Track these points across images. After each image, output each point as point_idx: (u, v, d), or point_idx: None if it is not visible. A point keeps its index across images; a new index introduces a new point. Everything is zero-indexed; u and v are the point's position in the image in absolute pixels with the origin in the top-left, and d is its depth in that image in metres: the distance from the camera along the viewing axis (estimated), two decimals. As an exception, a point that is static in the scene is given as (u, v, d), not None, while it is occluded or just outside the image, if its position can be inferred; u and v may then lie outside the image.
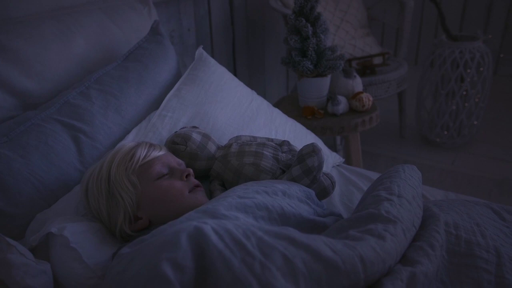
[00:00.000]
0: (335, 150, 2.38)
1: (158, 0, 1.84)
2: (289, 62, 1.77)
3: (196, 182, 1.02)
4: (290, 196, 0.97)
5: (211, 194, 1.11)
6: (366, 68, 2.22)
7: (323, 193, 1.13)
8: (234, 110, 1.36)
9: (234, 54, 2.44)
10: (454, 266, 0.86)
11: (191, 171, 1.03)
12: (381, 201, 0.89)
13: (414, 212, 0.90)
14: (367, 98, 1.78)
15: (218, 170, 1.13)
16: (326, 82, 1.78)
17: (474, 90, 2.33)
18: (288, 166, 1.12)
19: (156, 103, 1.34)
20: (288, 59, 1.77)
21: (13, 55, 1.22)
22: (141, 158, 1.01)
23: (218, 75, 1.42)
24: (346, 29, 2.38)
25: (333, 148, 2.37)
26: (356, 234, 0.79)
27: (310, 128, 1.67)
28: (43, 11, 1.41)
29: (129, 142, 1.11)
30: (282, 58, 1.80)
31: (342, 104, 1.77)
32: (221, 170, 1.13)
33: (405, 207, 0.89)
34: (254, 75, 2.61)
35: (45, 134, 1.11)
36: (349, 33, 2.38)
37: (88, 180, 1.02)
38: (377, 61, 2.30)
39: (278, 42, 2.69)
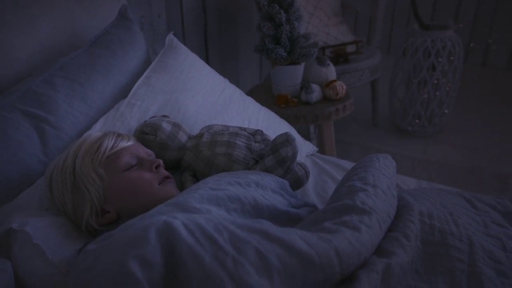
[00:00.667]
0: (309, 139, 2.37)
1: (127, -16, 1.77)
2: (262, 49, 1.74)
3: (166, 173, 0.99)
4: (263, 187, 0.95)
5: (182, 186, 1.08)
6: (339, 56, 2.21)
7: (297, 183, 1.11)
8: (206, 99, 1.32)
9: (206, 41, 2.39)
10: (428, 256, 0.85)
11: (161, 162, 0.99)
12: (356, 191, 0.87)
13: (389, 202, 0.89)
14: (341, 87, 1.76)
15: (189, 161, 1.10)
16: (299, 70, 1.76)
17: (445, 79, 2.36)
18: (261, 156, 1.09)
19: (124, 91, 1.29)
20: (261, 47, 1.74)
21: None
22: (108, 149, 0.96)
23: (189, 62, 1.38)
24: (319, 16, 2.36)
25: (306, 137, 2.35)
26: (331, 226, 0.77)
27: (284, 116, 1.65)
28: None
29: (95, 132, 1.07)
30: (256, 45, 1.77)
31: (316, 92, 1.75)
32: (192, 160, 1.09)
33: (380, 198, 0.87)
34: (227, 63, 2.56)
35: (5, 123, 1.05)
36: (322, 20, 2.36)
37: (52, 172, 0.97)
38: (350, 49, 2.29)
39: (251, 29, 2.65)
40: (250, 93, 1.91)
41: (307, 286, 0.66)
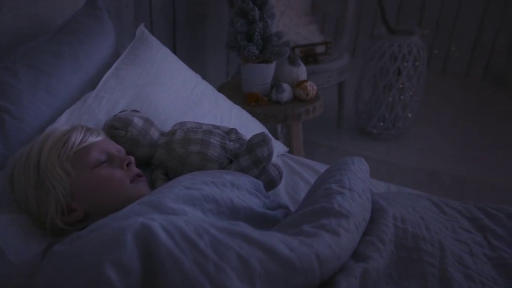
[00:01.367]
0: (276, 138, 2.36)
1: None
2: (234, 46, 1.71)
3: (137, 171, 0.95)
4: (239, 187, 0.93)
5: (153, 184, 1.04)
6: (309, 56, 2.22)
7: (271, 184, 1.10)
8: (178, 94, 1.29)
9: (175, 35, 2.34)
10: (401, 260, 0.86)
11: (132, 159, 0.95)
12: (333, 194, 0.86)
13: (365, 206, 0.89)
14: (311, 87, 1.76)
15: (161, 158, 1.06)
16: (271, 68, 1.75)
17: (410, 83, 2.41)
18: (235, 156, 1.07)
19: (92, 83, 1.23)
20: (233, 43, 1.71)
21: None
22: (76, 144, 0.91)
23: (161, 56, 1.34)
24: (290, 15, 2.36)
25: (274, 136, 2.35)
26: (310, 230, 0.76)
27: (254, 115, 1.63)
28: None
29: (62, 125, 1.01)
30: (227, 41, 1.74)
31: (287, 92, 1.74)
32: (164, 158, 1.05)
33: (356, 201, 0.87)
34: (194, 58, 2.52)
35: (-39, 113, 0.98)
36: (293, 20, 2.36)
37: (14, 166, 0.91)
38: (319, 50, 2.30)
39: (220, 25, 2.61)
40: (220, 90, 1.88)
41: None
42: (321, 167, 1.36)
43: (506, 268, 0.89)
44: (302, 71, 1.83)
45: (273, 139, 1.13)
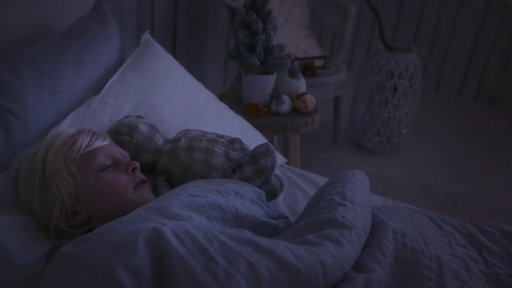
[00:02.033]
0: (273, 149, 2.37)
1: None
2: (236, 56, 1.72)
3: (142, 177, 0.95)
4: (242, 196, 0.93)
5: (156, 190, 1.04)
6: (307, 69, 2.24)
7: (272, 194, 1.10)
8: (182, 102, 1.29)
9: (175, 43, 2.35)
10: (400, 273, 0.87)
11: (138, 165, 0.96)
12: (335, 205, 0.88)
13: (366, 218, 0.91)
14: (311, 100, 1.78)
15: (165, 165, 1.06)
16: (271, 80, 1.76)
17: (406, 100, 2.44)
18: (239, 165, 1.08)
19: (96, 87, 1.24)
20: (235, 53, 1.73)
21: None
22: (82, 147, 0.92)
23: (165, 64, 1.35)
24: (290, 28, 2.39)
25: (270, 146, 2.36)
26: (314, 240, 0.77)
27: (253, 125, 1.64)
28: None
29: (67, 128, 1.02)
30: (229, 52, 1.75)
31: (286, 103, 1.76)
32: (168, 165, 1.06)
33: (358, 213, 0.88)
34: (193, 67, 2.53)
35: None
36: (292, 32, 2.39)
37: (18, 168, 0.91)
38: (318, 63, 2.32)
39: (219, 35, 2.63)
40: (219, 99, 1.89)
41: None
42: (320, 180, 1.37)
43: (501, 284, 0.91)
44: (302, 84, 1.85)
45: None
